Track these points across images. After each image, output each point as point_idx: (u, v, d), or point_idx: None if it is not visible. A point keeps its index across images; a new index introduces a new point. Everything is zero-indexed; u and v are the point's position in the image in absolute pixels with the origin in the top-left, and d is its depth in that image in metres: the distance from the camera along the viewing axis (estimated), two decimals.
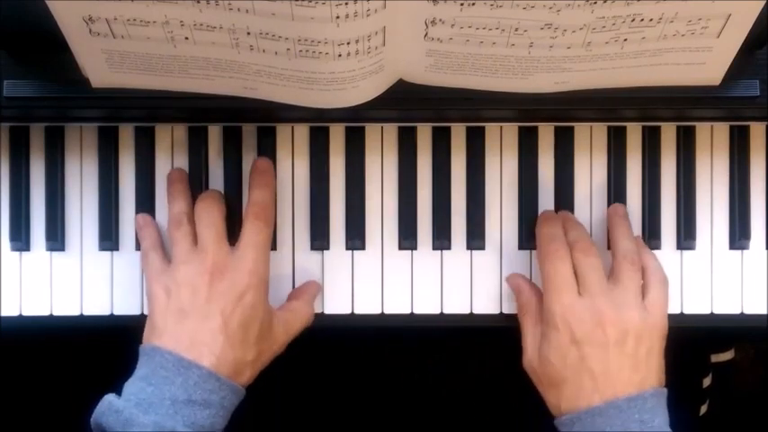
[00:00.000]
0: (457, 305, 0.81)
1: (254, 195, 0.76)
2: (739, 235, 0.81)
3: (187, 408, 0.68)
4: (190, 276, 0.72)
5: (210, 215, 0.75)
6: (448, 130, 0.81)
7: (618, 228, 0.78)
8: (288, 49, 0.66)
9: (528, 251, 0.81)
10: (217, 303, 0.71)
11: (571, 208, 0.81)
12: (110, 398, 0.69)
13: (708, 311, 0.81)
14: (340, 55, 0.66)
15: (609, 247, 0.79)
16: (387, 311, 0.81)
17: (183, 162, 0.81)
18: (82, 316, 0.80)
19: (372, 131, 0.81)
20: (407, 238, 0.81)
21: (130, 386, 0.70)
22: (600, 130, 0.82)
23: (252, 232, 0.74)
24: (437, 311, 0.81)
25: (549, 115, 0.80)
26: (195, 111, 0.78)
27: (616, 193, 0.81)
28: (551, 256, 0.74)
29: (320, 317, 0.80)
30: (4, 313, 0.80)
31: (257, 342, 0.73)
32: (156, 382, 0.69)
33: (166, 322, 0.71)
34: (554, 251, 0.74)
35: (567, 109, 0.77)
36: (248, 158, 0.81)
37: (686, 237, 0.81)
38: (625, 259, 0.75)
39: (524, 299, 0.77)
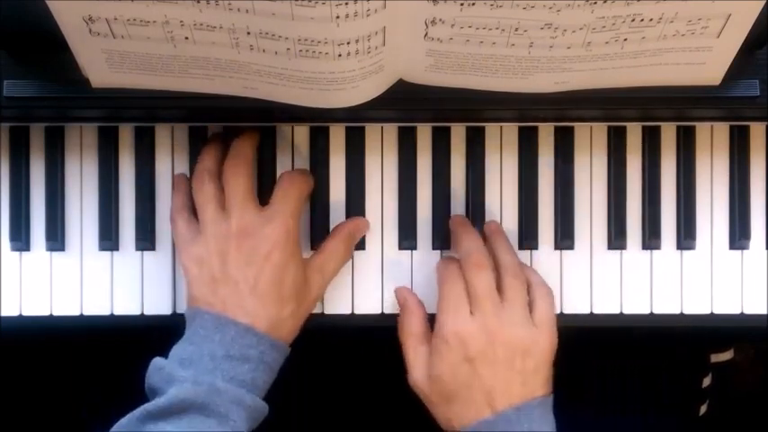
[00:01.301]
0: None
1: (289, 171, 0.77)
2: (739, 235, 0.81)
3: (226, 362, 0.69)
4: (216, 244, 0.73)
5: (236, 175, 0.74)
6: (448, 130, 0.81)
7: (497, 243, 0.78)
8: (288, 49, 0.66)
9: (528, 251, 0.81)
10: (245, 267, 0.72)
11: (571, 208, 0.81)
12: (156, 359, 0.71)
13: (708, 311, 0.81)
14: (340, 55, 0.66)
15: (609, 247, 0.79)
16: (387, 311, 0.81)
17: (183, 162, 0.81)
18: (82, 316, 0.80)
19: (372, 131, 0.81)
20: (407, 238, 0.81)
21: (175, 348, 0.72)
22: (600, 130, 0.82)
23: (282, 188, 0.75)
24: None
25: (549, 115, 0.80)
26: (195, 111, 0.78)
27: (616, 192, 0.81)
28: (448, 278, 0.75)
29: (320, 317, 0.80)
30: (4, 313, 0.80)
31: (292, 297, 0.74)
32: (197, 340, 0.71)
33: (201, 291, 0.73)
34: (450, 272, 0.75)
35: (567, 109, 0.77)
36: None
37: (686, 237, 0.81)
38: (507, 273, 0.75)
39: (408, 318, 0.78)
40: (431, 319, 0.77)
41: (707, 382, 0.98)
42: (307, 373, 0.93)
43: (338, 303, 0.81)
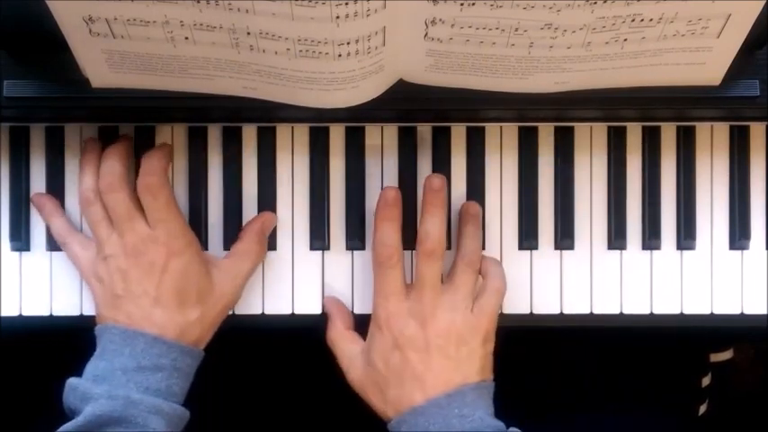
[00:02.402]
0: None
1: (144, 165, 0.75)
2: (739, 235, 0.81)
3: (138, 374, 0.70)
4: (114, 263, 0.74)
5: (113, 192, 0.74)
6: (448, 130, 0.81)
7: (467, 226, 0.77)
8: (288, 49, 0.66)
9: (528, 251, 0.81)
10: (145, 281, 0.73)
11: (571, 208, 0.81)
12: (70, 379, 0.72)
13: (708, 311, 0.81)
14: (340, 55, 0.66)
15: (609, 247, 0.79)
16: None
17: (182, 162, 0.81)
18: (82, 316, 0.80)
19: (372, 131, 0.81)
20: (407, 238, 0.81)
21: (88, 366, 0.73)
22: (600, 130, 0.82)
23: (148, 202, 0.74)
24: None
25: (549, 115, 0.80)
26: (195, 111, 0.78)
27: (616, 192, 0.81)
28: (384, 264, 0.74)
29: (320, 317, 0.80)
30: (4, 313, 0.80)
31: (198, 302, 0.74)
32: (107, 356, 0.72)
33: (107, 308, 0.74)
34: (387, 258, 0.74)
35: (567, 109, 0.77)
36: (248, 158, 0.81)
37: (686, 237, 0.81)
38: (463, 260, 0.75)
39: (330, 325, 0.78)
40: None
41: (706, 381, 0.98)
42: (306, 374, 0.93)
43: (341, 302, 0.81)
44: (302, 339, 0.83)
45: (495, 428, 0.70)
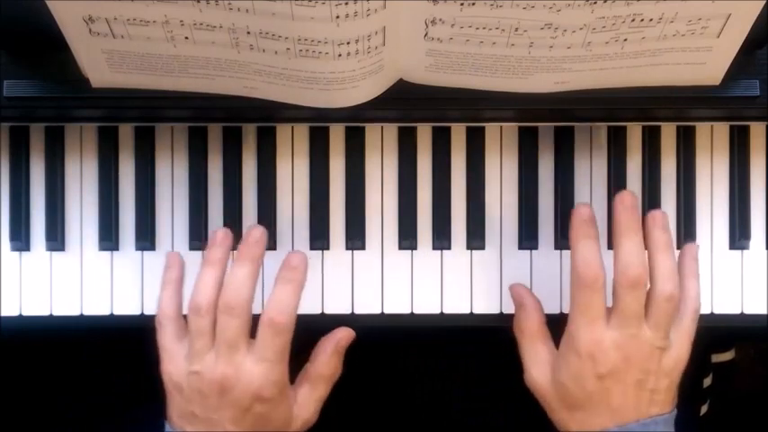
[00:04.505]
0: (457, 305, 0.81)
1: (276, 292, 0.71)
2: (739, 235, 0.81)
3: None
4: (198, 383, 0.70)
5: (231, 316, 0.70)
6: (448, 130, 0.81)
7: (658, 254, 0.72)
8: (288, 49, 0.66)
9: (528, 251, 0.81)
10: (224, 413, 0.70)
11: (571, 208, 0.81)
12: None
13: (708, 311, 0.81)
14: (340, 55, 0.66)
15: (609, 247, 0.79)
16: (387, 311, 0.81)
17: (183, 162, 0.81)
18: (82, 316, 0.80)
19: (372, 131, 0.81)
20: (407, 238, 0.81)
21: None
22: (600, 130, 0.82)
23: (265, 338, 0.70)
24: (437, 311, 0.81)
25: (549, 115, 0.80)
26: (195, 111, 0.78)
27: (616, 192, 0.81)
28: (589, 287, 0.70)
29: (320, 317, 0.80)
30: (4, 313, 0.80)
31: None
32: None
33: (180, 418, 0.72)
34: (593, 281, 0.70)
35: (567, 109, 0.77)
36: (248, 158, 0.81)
37: (686, 237, 0.81)
38: (661, 295, 0.71)
39: (525, 315, 0.76)
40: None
41: (707, 382, 0.98)
42: None
43: (338, 303, 0.81)
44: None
45: None
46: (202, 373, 0.70)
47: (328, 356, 0.75)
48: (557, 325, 0.75)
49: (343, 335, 0.76)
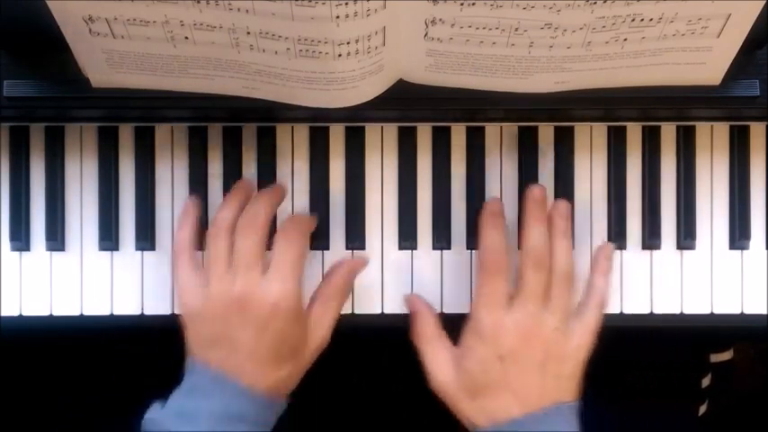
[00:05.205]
0: (456, 304, 0.81)
1: (288, 218, 0.76)
2: (739, 235, 0.81)
3: (222, 422, 0.69)
4: (218, 304, 0.72)
5: (247, 236, 0.73)
6: (448, 130, 0.81)
7: (557, 239, 0.75)
8: (288, 49, 0.66)
9: None
10: (244, 332, 0.71)
11: (571, 208, 0.81)
12: (152, 411, 0.71)
13: (708, 311, 0.81)
14: (340, 55, 0.66)
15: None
16: (387, 311, 0.81)
17: (183, 162, 0.81)
18: (82, 316, 0.80)
19: (372, 131, 0.81)
20: (407, 238, 0.81)
21: (172, 399, 0.71)
22: (600, 130, 0.82)
23: (280, 251, 0.73)
24: (437, 311, 0.81)
25: (549, 115, 0.80)
26: (195, 111, 0.78)
27: (616, 192, 0.81)
28: (491, 271, 0.73)
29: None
30: (4, 313, 0.80)
31: (290, 359, 0.73)
32: (195, 397, 0.71)
33: (200, 347, 0.73)
34: (495, 264, 0.73)
35: (567, 109, 0.77)
36: (248, 158, 0.81)
37: (686, 237, 0.81)
38: (559, 277, 0.74)
39: (420, 321, 0.77)
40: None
41: (706, 382, 0.98)
42: (306, 374, 0.93)
43: None
44: None
45: None
46: (222, 293, 0.72)
47: (341, 278, 0.77)
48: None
49: (358, 261, 0.79)
